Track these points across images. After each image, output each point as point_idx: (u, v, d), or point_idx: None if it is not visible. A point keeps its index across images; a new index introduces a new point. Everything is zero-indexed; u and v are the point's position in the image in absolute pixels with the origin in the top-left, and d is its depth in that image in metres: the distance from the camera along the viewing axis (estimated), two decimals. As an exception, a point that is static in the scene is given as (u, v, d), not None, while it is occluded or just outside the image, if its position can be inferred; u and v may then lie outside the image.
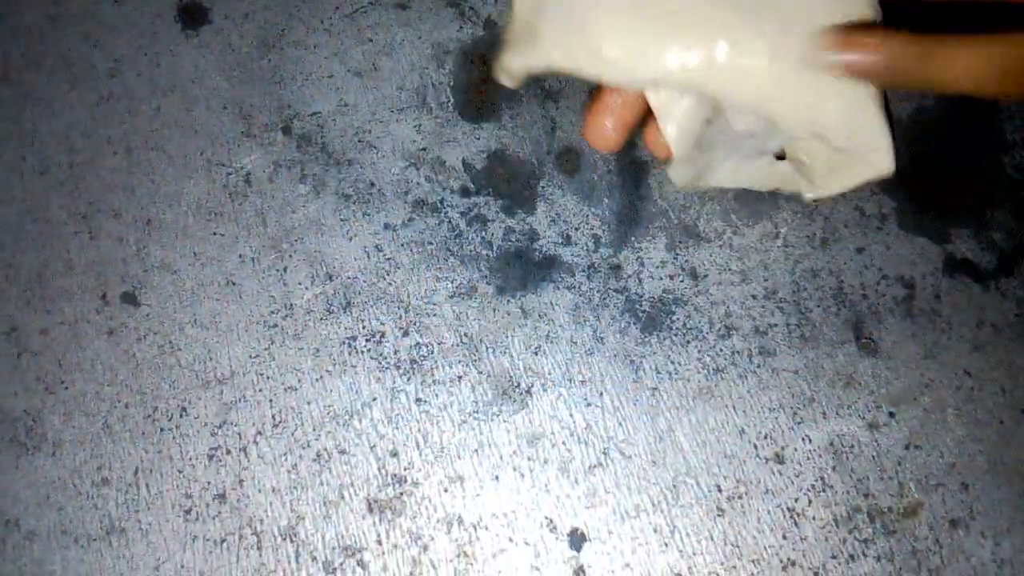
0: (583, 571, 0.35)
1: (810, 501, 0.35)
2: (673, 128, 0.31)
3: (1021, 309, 0.37)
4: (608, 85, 0.32)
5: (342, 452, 0.37)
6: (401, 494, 0.37)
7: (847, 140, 0.30)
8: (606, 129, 0.33)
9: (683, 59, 0.29)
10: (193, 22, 0.43)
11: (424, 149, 0.41)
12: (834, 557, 0.34)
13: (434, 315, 0.39)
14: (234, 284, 0.39)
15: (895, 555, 0.34)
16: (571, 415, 0.37)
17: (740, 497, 0.35)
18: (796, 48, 0.29)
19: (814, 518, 0.35)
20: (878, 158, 0.31)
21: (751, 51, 0.28)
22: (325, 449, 0.37)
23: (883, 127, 0.31)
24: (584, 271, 0.39)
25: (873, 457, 0.36)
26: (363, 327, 0.39)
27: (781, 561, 0.34)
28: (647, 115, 0.32)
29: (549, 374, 0.38)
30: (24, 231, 0.40)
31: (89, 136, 0.41)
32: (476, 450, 0.37)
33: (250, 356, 0.38)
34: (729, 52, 0.28)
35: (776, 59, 0.28)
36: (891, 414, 0.37)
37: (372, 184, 0.40)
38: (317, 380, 0.38)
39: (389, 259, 0.39)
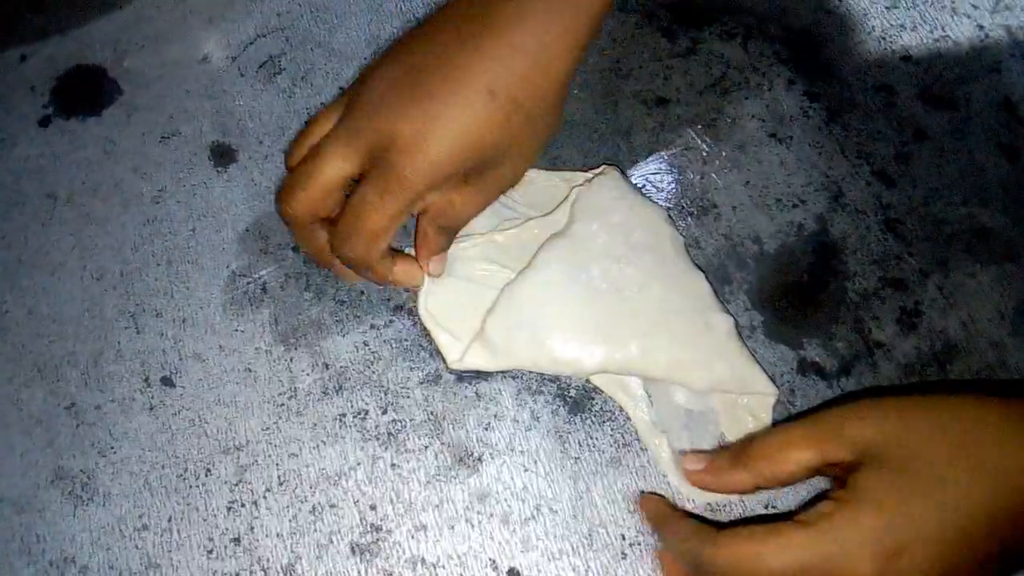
0: None
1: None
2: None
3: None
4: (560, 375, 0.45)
5: (332, 506, 0.44)
6: (377, 539, 0.43)
7: (738, 385, 0.43)
8: None
9: (609, 357, 0.43)
10: (223, 161, 0.51)
11: (403, 266, 0.50)
12: None
13: (407, 397, 0.46)
14: (251, 371, 0.46)
15: None
16: (512, 478, 0.44)
17: (639, 543, 0.42)
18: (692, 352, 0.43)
19: (694, 561, 0.44)
20: (763, 387, 0.43)
21: (655, 348, 0.43)
22: (319, 503, 0.44)
23: (758, 368, 0.44)
24: (525, 364, 0.48)
25: (739, 514, 0.43)
26: (351, 406, 0.46)
27: None
28: None
29: (496, 445, 0.45)
30: (83, 325, 0.47)
31: (137, 250, 0.49)
32: (437, 505, 0.43)
33: (262, 428, 0.45)
34: (640, 349, 0.43)
35: (675, 351, 0.43)
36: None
37: (361, 293, 0.48)
38: (314, 448, 0.45)
39: (373, 352, 0.47)
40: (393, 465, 0.45)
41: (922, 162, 0.51)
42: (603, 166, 0.49)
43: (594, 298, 0.44)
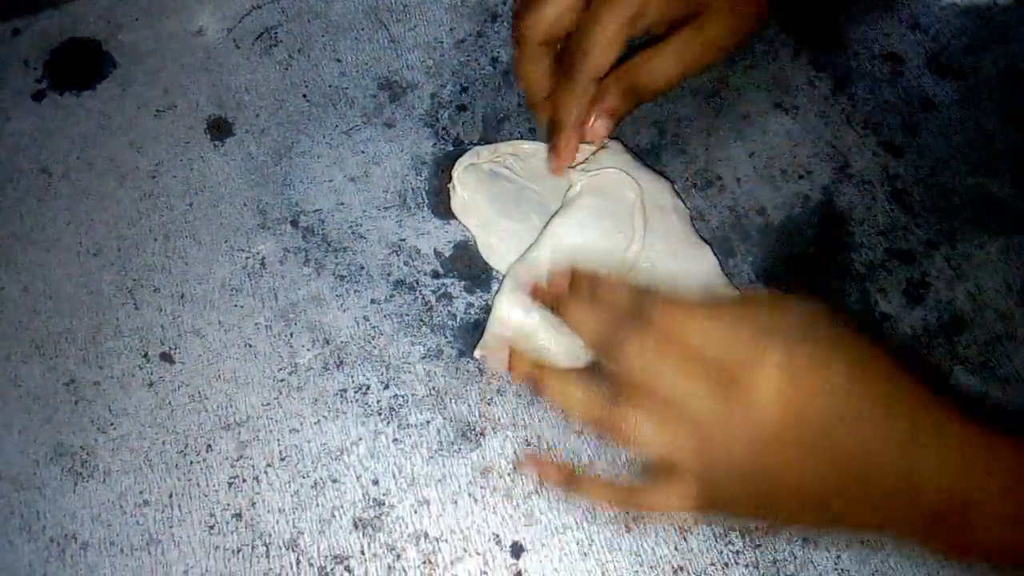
0: (521, 575, 0.42)
1: (696, 521, 0.42)
2: None
3: (861, 374, 0.46)
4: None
5: (334, 481, 0.43)
6: (380, 514, 0.43)
7: None
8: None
9: None
10: (220, 134, 0.50)
11: (404, 240, 0.48)
12: (713, 564, 0.42)
13: (409, 372, 0.45)
14: (250, 346, 0.46)
15: (760, 564, 0.42)
16: (515, 452, 0.44)
17: (643, 517, 0.42)
18: None
19: (699, 534, 0.42)
20: None
21: None
22: (321, 478, 0.43)
23: None
24: (528, 339, 0.48)
25: (745, 487, 0.44)
26: (352, 381, 0.45)
27: (672, 567, 0.42)
28: None
29: (499, 420, 0.44)
30: (80, 301, 0.47)
31: (134, 225, 0.48)
32: (440, 480, 0.43)
33: (262, 404, 0.45)
34: None
35: None
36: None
37: (362, 267, 0.48)
38: (315, 424, 0.44)
39: (374, 327, 0.46)
40: (395, 440, 0.44)
41: (930, 132, 0.51)
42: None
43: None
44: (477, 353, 0.44)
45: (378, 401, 0.45)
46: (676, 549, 0.42)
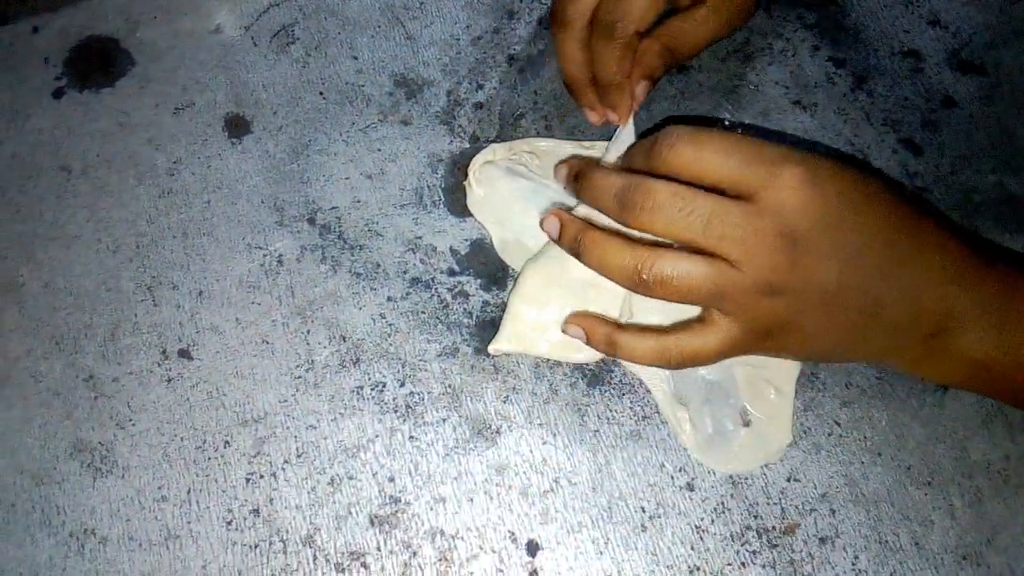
0: (537, 573, 0.42)
1: (712, 520, 0.42)
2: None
3: (880, 374, 0.44)
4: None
5: (351, 478, 0.43)
6: (396, 511, 0.43)
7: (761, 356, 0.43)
8: None
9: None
10: (237, 132, 0.51)
11: (420, 237, 0.48)
12: (729, 564, 0.41)
13: (425, 370, 0.45)
14: (268, 343, 0.46)
15: (776, 564, 0.42)
16: (531, 451, 0.44)
17: (659, 516, 0.42)
18: None
19: (715, 534, 0.42)
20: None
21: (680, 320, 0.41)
22: (337, 475, 0.44)
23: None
24: (544, 337, 0.48)
25: (762, 487, 0.43)
26: (369, 379, 0.46)
27: (688, 567, 0.41)
28: None
29: (514, 418, 0.44)
30: (100, 298, 0.47)
31: (152, 223, 0.49)
32: (456, 477, 0.43)
33: (280, 401, 0.45)
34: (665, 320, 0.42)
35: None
36: (778, 454, 0.45)
37: (378, 265, 0.48)
38: (332, 420, 0.45)
39: (390, 325, 0.46)
40: (411, 437, 0.44)
41: (950, 130, 0.50)
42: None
43: None
44: (491, 349, 0.44)
45: (394, 398, 0.45)
46: (692, 549, 0.42)
